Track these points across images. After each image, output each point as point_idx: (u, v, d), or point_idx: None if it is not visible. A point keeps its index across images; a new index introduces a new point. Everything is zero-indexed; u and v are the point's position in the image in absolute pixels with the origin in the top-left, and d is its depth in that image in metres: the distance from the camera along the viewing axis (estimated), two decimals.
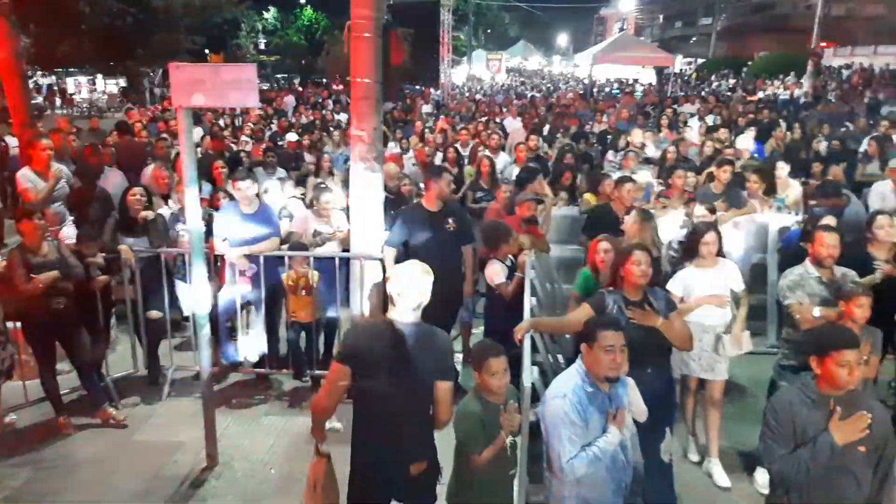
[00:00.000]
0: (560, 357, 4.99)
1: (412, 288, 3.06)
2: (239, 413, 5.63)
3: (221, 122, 13.54)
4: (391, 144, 11.13)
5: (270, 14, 50.91)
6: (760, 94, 25.30)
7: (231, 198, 6.17)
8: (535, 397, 3.71)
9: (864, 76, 27.43)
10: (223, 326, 5.92)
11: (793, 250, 5.67)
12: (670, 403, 4.09)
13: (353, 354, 3.12)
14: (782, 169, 7.46)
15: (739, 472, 4.84)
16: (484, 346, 3.45)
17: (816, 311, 4.28)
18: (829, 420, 2.94)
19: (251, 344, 5.94)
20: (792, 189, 7.40)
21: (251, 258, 5.64)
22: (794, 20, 41.65)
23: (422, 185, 7.83)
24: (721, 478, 4.72)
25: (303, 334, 5.84)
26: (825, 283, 4.46)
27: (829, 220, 5.27)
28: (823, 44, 29.74)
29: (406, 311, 3.08)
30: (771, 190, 7.25)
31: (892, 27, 37.22)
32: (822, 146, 9.87)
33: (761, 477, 4.52)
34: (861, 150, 9.56)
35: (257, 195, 5.93)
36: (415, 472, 3.18)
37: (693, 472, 4.86)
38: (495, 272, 5.26)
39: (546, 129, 13.23)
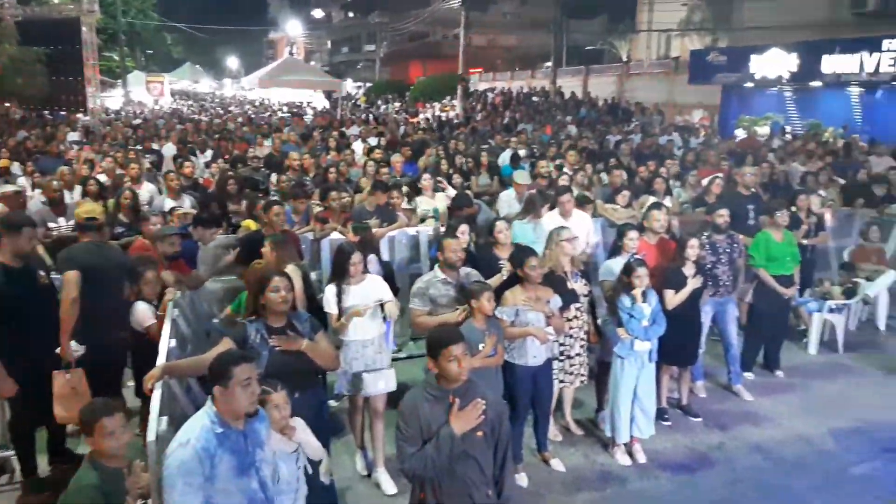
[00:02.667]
0: None
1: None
2: None
3: None
4: (21, 180, 9.62)
5: None
6: (421, 116, 27.57)
7: None
8: None
9: (504, 98, 31.52)
10: None
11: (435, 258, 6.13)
12: (323, 425, 4.08)
13: (79, 264, 4.79)
14: (427, 181, 8.16)
15: None
16: (94, 407, 3.03)
17: (452, 317, 4.65)
18: (449, 413, 3.17)
19: None
20: (439, 202, 8.10)
21: None
22: (444, 48, 46.64)
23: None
24: (388, 485, 4.87)
25: None
26: (451, 283, 4.90)
27: (463, 229, 5.78)
28: (471, 70, 33.71)
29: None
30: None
31: (524, 56, 43.81)
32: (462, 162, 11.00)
33: None
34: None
35: None
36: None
37: (364, 485, 4.96)
38: (145, 314, 4.89)
39: (209, 153, 12.65)
